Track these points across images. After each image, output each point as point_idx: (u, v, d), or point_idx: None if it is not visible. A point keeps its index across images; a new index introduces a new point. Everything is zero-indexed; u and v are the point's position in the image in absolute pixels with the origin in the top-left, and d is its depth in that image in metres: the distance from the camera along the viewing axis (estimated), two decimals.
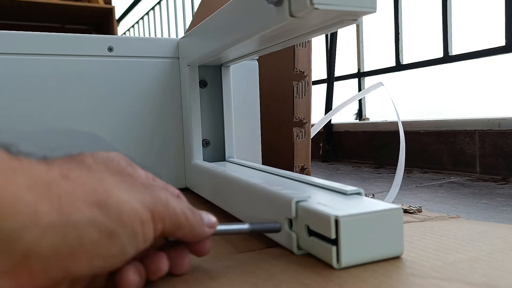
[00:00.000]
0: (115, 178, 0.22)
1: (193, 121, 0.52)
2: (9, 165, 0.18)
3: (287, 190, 0.32)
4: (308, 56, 0.71)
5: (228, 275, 0.27)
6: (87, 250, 0.19)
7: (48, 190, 0.18)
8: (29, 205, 0.17)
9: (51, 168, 0.19)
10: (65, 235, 0.18)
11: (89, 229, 0.19)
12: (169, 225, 0.23)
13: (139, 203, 0.21)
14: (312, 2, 0.25)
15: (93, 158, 0.23)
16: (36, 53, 0.50)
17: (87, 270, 0.19)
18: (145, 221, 0.21)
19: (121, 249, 0.20)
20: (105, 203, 0.20)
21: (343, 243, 0.26)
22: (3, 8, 1.95)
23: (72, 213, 0.18)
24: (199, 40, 0.48)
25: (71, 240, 0.18)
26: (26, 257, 0.17)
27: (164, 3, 3.21)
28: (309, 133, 0.72)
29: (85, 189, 0.19)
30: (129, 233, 0.20)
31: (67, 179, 0.19)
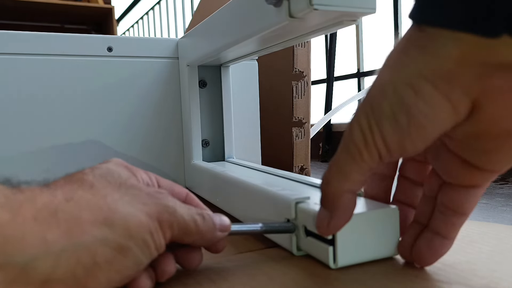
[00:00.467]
0: (119, 193, 0.22)
1: (193, 121, 0.52)
2: (13, 199, 0.18)
3: (286, 191, 0.32)
4: (307, 56, 0.71)
5: (228, 278, 0.27)
6: (102, 268, 0.19)
7: (55, 216, 0.19)
8: (38, 235, 0.18)
9: (54, 193, 0.20)
10: (79, 258, 0.19)
11: (100, 248, 0.19)
12: (178, 232, 0.23)
13: (145, 214, 0.21)
14: (311, 2, 0.25)
15: (93, 175, 0.23)
16: (35, 53, 0.50)
17: (106, 285, 0.20)
18: (153, 231, 0.21)
19: (135, 261, 0.21)
20: (111, 220, 0.20)
21: (340, 243, 0.26)
22: (3, 8, 1.95)
23: (82, 236, 0.19)
24: (199, 40, 0.48)
25: (85, 262, 0.19)
26: (45, 283, 0.18)
27: (164, 3, 3.21)
28: (309, 133, 0.72)
29: (91, 209, 0.20)
30: (140, 244, 0.21)
31: (71, 201, 0.20)
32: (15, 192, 0.19)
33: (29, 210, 0.18)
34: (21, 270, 0.18)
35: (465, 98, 0.20)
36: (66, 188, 0.21)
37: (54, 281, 0.18)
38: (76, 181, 0.22)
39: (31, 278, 0.18)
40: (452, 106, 0.20)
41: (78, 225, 0.19)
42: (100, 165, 0.24)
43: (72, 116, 0.52)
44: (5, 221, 0.18)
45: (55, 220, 0.19)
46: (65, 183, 0.22)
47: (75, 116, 0.52)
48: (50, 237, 0.18)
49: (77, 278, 0.19)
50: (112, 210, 0.21)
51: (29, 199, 0.19)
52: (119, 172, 0.24)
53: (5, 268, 0.17)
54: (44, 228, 0.18)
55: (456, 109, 0.20)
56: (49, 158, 0.50)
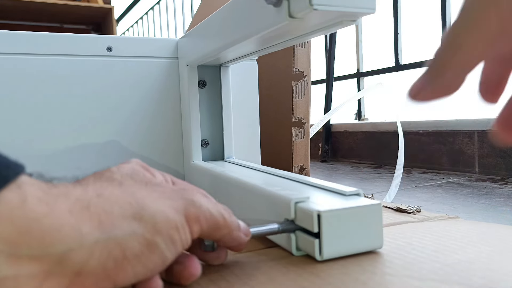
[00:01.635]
0: (146, 190, 0.23)
1: (192, 121, 0.52)
2: (49, 194, 0.19)
3: (286, 191, 0.32)
4: (307, 56, 0.71)
5: (227, 278, 0.27)
6: (130, 262, 0.20)
7: (88, 210, 0.20)
8: (73, 227, 0.19)
9: (86, 189, 0.21)
10: (110, 251, 0.19)
11: (130, 242, 0.20)
12: (206, 226, 0.23)
13: (172, 210, 0.22)
14: (311, 2, 0.25)
15: (120, 174, 0.23)
16: (35, 53, 0.50)
17: (132, 279, 0.21)
18: (179, 226, 0.22)
19: (161, 256, 0.21)
20: (140, 215, 0.21)
21: (325, 236, 0.27)
22: (3, 8, 1.95)
23: (113, 229, 0.20)
24: (198, 40, 0.48)
25: (116, 254, 0.20)
26: (78, 275, 0.19)
27: (164, 3, 3.20)
28: (308, 133, 0.72)
29: (121, 205, 0.21)
30: (167, 240, 0.21)
31: (102, 197, 0.21)
32: (50, 187, 0.20)
33: (64, 203, 0.19)
34: (57, 261, 0.18)
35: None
36: (97, 185, 0.21)
37: (86, 273, 0.19)
38: (105, 179, 0.22)
39: (66, 269, 0.18)
40: None
41: (109, 219, 0.20)
42: (124, 165, 0.25)
43: (72, 116, 0.52)
44: (43, 214, 0.18)
45: (88, 214, 0.19)
46: (95, 180, 0.22)
47: (75, 116, 0.52)
48: (85, 229, 0.19)
49: (107, 271, 0.19)
50: (140, 206, 0.21)
51: (63, 194, 0.20)
52: (142, 172, 0.24)
53: (42, 259, 0.18)
54: (78, 221, 0.19)
55: None
56: (47, 158, 0.50)
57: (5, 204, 0.17)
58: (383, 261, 0.28)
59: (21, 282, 0.18)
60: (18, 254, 0.17)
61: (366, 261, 0.28)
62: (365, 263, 0.28)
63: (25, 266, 0.18)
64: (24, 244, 0.17)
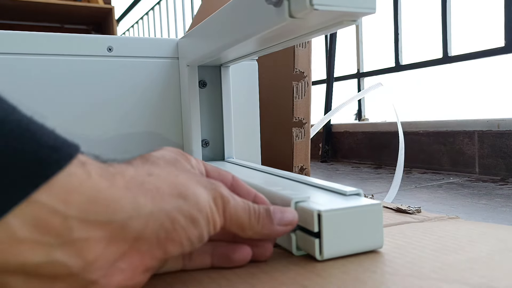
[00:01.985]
0: (186, 175, 0.25)
1: (193, 121, 0.52)
2: (107, 171, 0.21)
3: (286, 191, 0.32)
4: (308, 56, 0.71)
5: (228, 276, 0.27)
6: (179, 233, 0.22)
7: (142, 186, 0.22)
8: (131, 199, 0.21)
9: (137, 169, 0.23)
10: (162, 222, 0.22)
11: (178, 216, 0.22)
12: (230, 223, 0.25)
13: (207, 195, 0.24)
14: (311, 2, 0.25)
15: (164, 160, 0.26)
16: (35, 53, 0.50)
17: (179, 250, 0.23)
18: (213, 210, 0.24)
19: (200, 233, 0.23)
20: (185, 194, 0.23)
21: (325, 236, 0.27)
22: (3, 8, 1.95)
23: (164, 204, 0.22)
24: (199, 41, 0.48)
25: (167, 226, 0.22)
26: (136, 241, 0.21)
27: (164, 3, 3.21)
28: (309, 133, 0.72)
29: (168, 184, 0.23)
30: (205, 219, 0.24)
31: (152, 176, 0.23)
32: (107, 165, 0.22)
33: (121, 180, 0.22)
34: (119, 227, 0.20)
35: None
36: (146, 167, 0.24)
37: (143, 239, 0.21)
38: (152, 162, 0.25)
39: (126, 235, 0.21)
40: None
41: (160, 195, 0.22)
42: (162, 152, 0.27)
43: (72, 117, 0.52)
44: (105, 187, 0.20)
45: (142, 189, 0.22)
46: (143, 163, 0.25)
47: (75, 116, 0.52)
48: (141, 201, 0.21)
49: (160, 239, 0.22)
50: (184, 186, 0.24)
51: (119, 172, 0.22)
52: (181, 161, 0.27)
53: (106, 225, 0.20)
54: (134, 195, 0.21)
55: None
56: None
57: (74, 177, 0.20)
58: (384, 260, 0.28)
59: (90, 244, 0.20)
60: (88, 220, 0.20)
61: (367, 261, 0.28)
62: (365, 262, 0.28)
63: (93, 231, 0.20)
64: (92, 211, 0.20)
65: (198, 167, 0.29)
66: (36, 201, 0.18)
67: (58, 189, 0.19)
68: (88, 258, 0.20)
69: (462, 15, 1.31)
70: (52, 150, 0.19)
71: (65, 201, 0.19)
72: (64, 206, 0.19)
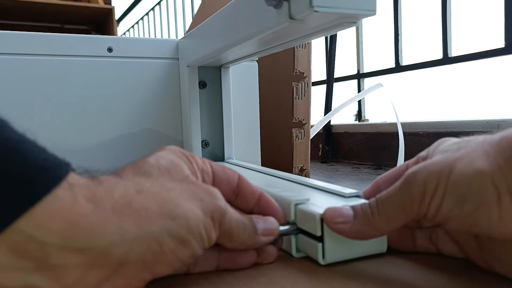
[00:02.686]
0: (181, 187, 0.24)
1: (193, 122, 0.52)
2: (95, 192, 0.21)
3: (286, 193, 0.32)
4: (308, 57, 0.71)
5: (227, 280, 0.27)
6: (167, 255, 0.22)
7: (129, 207, 0.21)
8: (115, 224, 0.20)
9: (127, 185, 0.22)
10: (149, 245, 0.21)
11: (166, 238, 0.22)
12: (222, 234, 0.25)
13: (201, 210, 0.23)
14: (312, 4, 0.25)
15: (159, 168, 0.25)
16: (35, 54, 0.50)
17: (169, 270, 0.23)
18: (207, 226, 0.24)
19: (192, 251, 0.23)
20: (175, 214, 0.22)
21: (328, 240, 0.27)
22: (3, 8, 1.95)
23: (151, 226, 0.21)
24: (199, 41, 0.48)
25: (154, 248, 0.21)
26: (120, 266, 0.21)
27: (164, 3, 3.20)
28: (309, 134, 0.72)
29: (157, 202, 0.22)
30: (197, 237, 0.23)
31: (141, 193, 0.22)
32: (96, 184, 0.21)
33: (108, 201, 0.21)
34: (100, 254, 0.20)
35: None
36: (136, 180, 0.23)
37: (127, 264, 0.21)
38: (143, 173, 0.24)
39: (108, 261, 0.20)
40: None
41: (148, 216, 0.22)
42: (162, 155, 0.26)
43: (72, 117, 0.52)
44: (89, 211, 0.20)
45: (128, 211, 0.21)
46: (133, 174, 0.24)
47: (75, 116, 0.52)
48: (125, 226, 0.21)
49: (146, 263, 0.21)
50: (175, 204, 0.23)
51: (108, 191, 0.21)
52: (181, 166, 0.26)
53: (86, 252, 0.20)
54: (120, 218, 0.21)
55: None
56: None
57: (59, 201, 0.19)
58: (387, 264, 0.28)
59: (68, 270, 0.19)
60: (67, 246, 0.19)
61: (369, 265, 0.28)
62: (367, 266, 0.28)
63: (72, 257, 0.19)
64: (72, 237, 0.19)
65: (204, 167, 0.28)
66: (15, 228, 0.18)
67: (40, 215, 0.18)
68: (66, 283, 0.19)
69: (462, 16, 1.31)
70: (41, 171, 0.19)
71: (45, 227, 0.19)
72: (42, 233, 0.19)
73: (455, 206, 0.23)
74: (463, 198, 0.22)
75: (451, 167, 0.23)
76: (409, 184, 0.24)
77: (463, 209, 0.23)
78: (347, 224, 0.26)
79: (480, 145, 0.24)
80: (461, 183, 0.23)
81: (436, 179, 0.23)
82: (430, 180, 0.23)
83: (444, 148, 0.26)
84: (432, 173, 0.23)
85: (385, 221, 0.25)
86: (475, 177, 0.22)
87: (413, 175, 0.24)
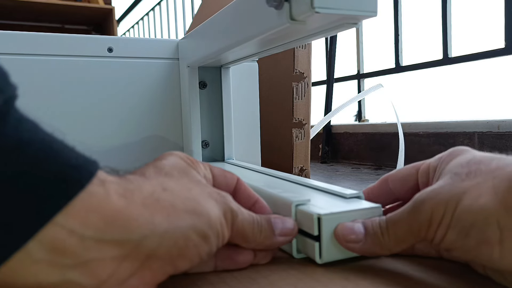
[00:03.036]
0: (199, 188, 0.25)
1: (193, 122, 0.52)
2: (126, 188, 0.22)
3: (286, 193, 0.32)
4: (308, 57, 0.71)
5: (227, 281, 0.26)
6: (190, 250, 0.23)
7: (157, 203, 0.22)
8: (147, 218, 0.21)
9: (153, 184, 0.23)
10: (176, 240, 0.22)
11: (191, 234, 0.23)
12: (235, 235, 0.26)
13: (218, 210, 0.25)
14: (313, 5, 0.25)
15: (178, 170, 0.26)
16: (35, 54, 0.50)
17: (188, 265, 0.23)
18: (223, 224, 0.25)
19: (211, 248, 0.24)
20: (199, 211, 0.23)
21: (325, 239, 0.27)
22: (3, 8, 1.95)
23: (178, 221, 0.22)
24: (199, 42, 0.48)
25: (180, 243, 0.22)
26: (148, 259, 0.21)
27: (164, 4, 3.20)
28: (309, 134, 0.72)
29: (182, 199, 0.23)
30: (216, 234, 0.24)
31: (167, 191, 0.23)
32: (125, 181, 0.22)
33: (139, 197, 0.22)
34: (134, 246, 0.21)
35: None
36: (160, 179, 0.24)
37: (155, 257, 0.22)
38: (165, 174, 0.25)
39: (139, 254, 0.21)
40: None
41: (175, 212, 0.22)
42: (174, 160, 0.27)
43: (72, 117, 0.51)
44: (123, 206, 0.21)
45: (158, 207, 0.22)
46: (156, 173, 0.25)
47: (75, 116, 0.52)
48: (156, 220, 0.21)
49: (171, 257, 0.22)
50: (197, 201, 0.24)
51: (136, 188, 0.22)
52: (191, 170, 0.27)
53: (121, 245, 0.21)
54: (151, 213, 0.22)
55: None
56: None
57: (94, 197, 0.20)
58: (385, 265, 0.28)
59: (104, 262, 0.20)
60: (104, 240, 0.20)
61: (368, 266, 0.28)
62: (366, 267, 0.28)
63: (108, 250, 0.20)
64: (109, 231, 0.20)
65: (206, 173, 0.29)
66: (56, 223, 0.19)
67: (77, 209, 0.19)
68: (101, 277, 0.20)
69: (463, 16, 1.31)
70: (75, 169, 0.20)
71: (83, 221, 0.19)
72: (81, 227, 0.19)
73: (458, 239, 0.23)
74: (466, 233, 0.23)
75: (458, 199, 0.24)
76: (418, 210, 0.25)
77: (466, 242, 0.23)
78: (358, 244, 0.27)
79: (490, 176, 0.24)
80: (466, 218, 0.23)
81: (443, 208, 0.24)
82: (437, 210, 0.24)
83: (455, 169, 0.26)
84: (440, 202, 0.24)
85: (394, 243, 0.26)
86: (480, 215, 0.23)
87: (421, 202, 0.25)
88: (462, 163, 0.26)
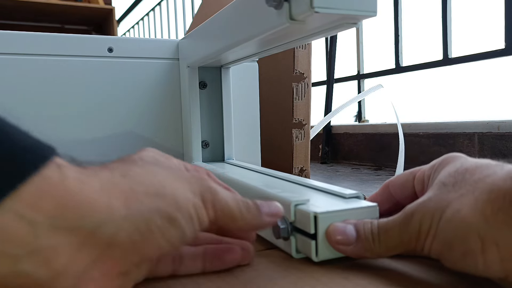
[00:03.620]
0: (167, 172, 0.24)
1: (193, 122, 0.52)
2: (82, 173, 0.21)
3: (286, 193, 0.32)
4: (308, 57, 0.71)
5: (227, 280, 0.27)
6: (155, 235, 0.21)
7: (116, 188, 0.21)
8: (104, 203, 0.20)
9: (113, 171, 0.22)
10: (136, 225, 0.21)
11: (154, 217, 0.21)
12: (221, 214, 0.24)
13: (190, 191, 0.23)
14: (312, 5, 0.25)
15: (145, 160, 0.26)
16: (35, 54, 0.50)
17: (157, 253, 0.22)
18: (197, 206, 0.23)
19: (181, 231, 0.22)
20: (162, 193, 0.22)
21: (321, 237, 0.27)
22: (3, 8, 1.95)
23: (138, 205, 0.21)
24: (199, 42, 0.48)
25: (142, 228, 0.21)
26: (108, 246, 0.20)
27: (164, 4, 3.21)
28: (309, 135, 0.72)
29: (144, 184, 0.22)
30: (186, 217, 0.22)
31: (128, 177, 0.22)
32: (86, 170, 0.21)
33: (95, 182, 0.21)
34: (89, 233, 0.20)
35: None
36: (121, 167, 0.23)
37: (116, 244, 0.20)
38: (130, 162, 0.25)
39: (97, 241, 0.20)
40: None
41: (135, 196, 0.21)
42: (143, 153, 0.27)
43: (72, 117, 0.52)
44: (77, 190, 0.20)
45: (117, 191, 0.21)
46: (119, 164, 0.24)
47: (75, 116, 0.52)
48: (113, 205, 0.20)
49: (134, 243, 0.21)
50: (162, 184, 0.23)
51: (94, 174, 0.21)
52: (162, 159, 0.27)
53: (76, 232, 0.19)
54: (108, 198, 0.20)
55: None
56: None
57: (47, 180, 0.19)
58: (385, 264, 0.28)
59: (58, 251, 0.19)
60: (57, 226, 0.19)
61: (367, 266, 0.28)
62: (366, 267, 0.28)
63: (62, 237, 0.19)
64: (61, 217, 0.19)
65: (178, 165, 0.29)
66: (3, 208, 0.17)
67: (28, 194, 0.18)
68: (56, 268, 0.19)
69: (463, 17, 1.31)
70: (27, 152, 0.19)
71: (34, 206, 0.18)
72: (31, 212, 0.18)
73: (444, 250, 0.24)
74: (450, 245, 0.23)
75: (442, 211, 0.24)
76: (407, 222, 0.26)
77: (451, 254, 0.24)
78: (348, 246, 0.27)
79: (472, 187, 0.24)
80: (448, 230, 0.23)
81: (429, 220, 0.25)
82: (424, 222, 0.25)
83: (444, 178, 0.27)
84: (426, 215, 0.25)
85: (384, 250, 0.27)
86: (460, 227, 0.23)
87: (411, 214, 0.26)
88: (451, 172, 0.27)
